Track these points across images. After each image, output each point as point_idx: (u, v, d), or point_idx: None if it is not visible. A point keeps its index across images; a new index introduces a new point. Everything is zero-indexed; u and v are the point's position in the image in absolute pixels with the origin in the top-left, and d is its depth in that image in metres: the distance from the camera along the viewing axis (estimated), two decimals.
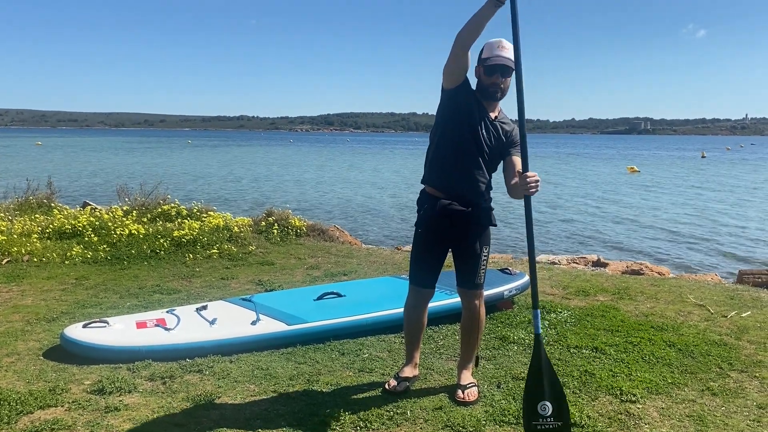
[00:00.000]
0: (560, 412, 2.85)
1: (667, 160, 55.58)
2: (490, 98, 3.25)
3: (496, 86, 3.21)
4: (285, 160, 47.34)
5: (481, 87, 3.25)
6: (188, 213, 8.81)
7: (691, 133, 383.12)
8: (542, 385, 2.89)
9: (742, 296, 5.65)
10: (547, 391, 2.88)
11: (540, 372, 2.92)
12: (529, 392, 2.91)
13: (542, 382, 2.90)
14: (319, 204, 18.89)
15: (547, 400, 2.86)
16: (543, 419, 2.83)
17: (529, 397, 2.89)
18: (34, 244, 7.01)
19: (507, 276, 5.34)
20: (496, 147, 3.28)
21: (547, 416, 2.83)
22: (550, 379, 2.91)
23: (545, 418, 2.83)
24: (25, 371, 3.68)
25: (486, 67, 3.20)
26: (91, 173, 29.78)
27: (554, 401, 2.86)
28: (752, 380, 3.71)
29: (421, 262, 3.46)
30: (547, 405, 2.85)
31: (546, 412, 2.84)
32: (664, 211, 18.00)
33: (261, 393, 3.46)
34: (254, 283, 6.00)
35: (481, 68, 3.24)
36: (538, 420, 2.84)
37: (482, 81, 3.25)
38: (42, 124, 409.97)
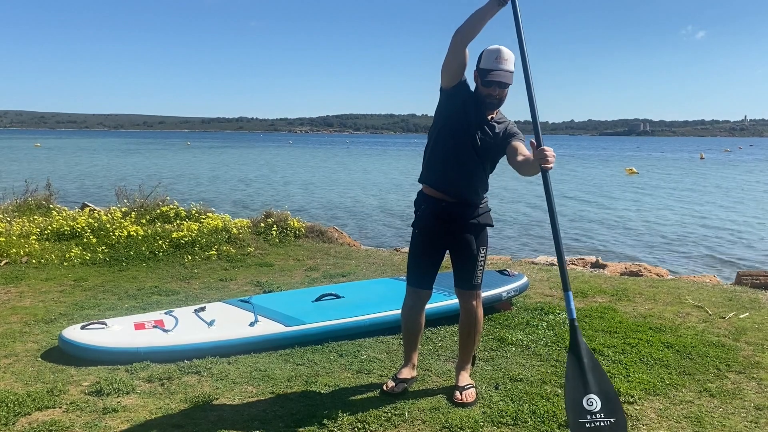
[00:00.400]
0: (611, 406, 2.59)
1: (666, 161, 55.63)
2: (487, 107, 3.26)
3: (492, 98, 3.22)
4: (284, 162, 47.33)
5: (479, 95, 3.25)
6: (187, 214, 8.81)
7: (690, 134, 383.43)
8: (585, 377, 2.64)
9: (741, 298, 5.66)
10: (592, 383, 2.63)
11: (581, 362, 2.69)
12: (573, 385, 2.64)
13: (585, 374, 2.65)
14: (318, 205, 18.90)
15: (593, 394, 2.61)
16: (591, 415, 2.55)
17: (572, 392, 2.63)
18: (33, 246, 7.01)
19: (505, 277, 5.34)
20: (492, 147, 3.29)
21: (595, 412, 2.56)
22: (594, 369, 2.67)
23: (593, 414, 2.55)
24: (23, 372, 3.68)
25: (483, 81, 3.20)
26: (90, 175, 29.77)
27: (602, 394, 2.61)
28: (750, 381, 3.71)
29: (418, 264, 3.46)
30: (594, 399, 2.59)
31: (594, 407, 2.57)
32: (663, 213, 18.02)
33: (259, 394, 3.46)
34: (253, 285, 6.00)
35: (479, 79, 3.23)
36: (586, 417, 2.55)
37: (479, 90, 3.25)
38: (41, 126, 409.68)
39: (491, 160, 3.36)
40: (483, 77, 3.20)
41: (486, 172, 3.36)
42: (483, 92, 3.23)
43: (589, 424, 2.54)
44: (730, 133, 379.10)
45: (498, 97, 3.22)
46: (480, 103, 3.25)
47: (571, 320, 2.81)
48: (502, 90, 3.21)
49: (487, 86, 3.20)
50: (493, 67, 3.16)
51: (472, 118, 3.23)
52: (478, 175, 3.31)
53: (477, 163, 3.28)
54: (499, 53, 3.15)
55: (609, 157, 64.09)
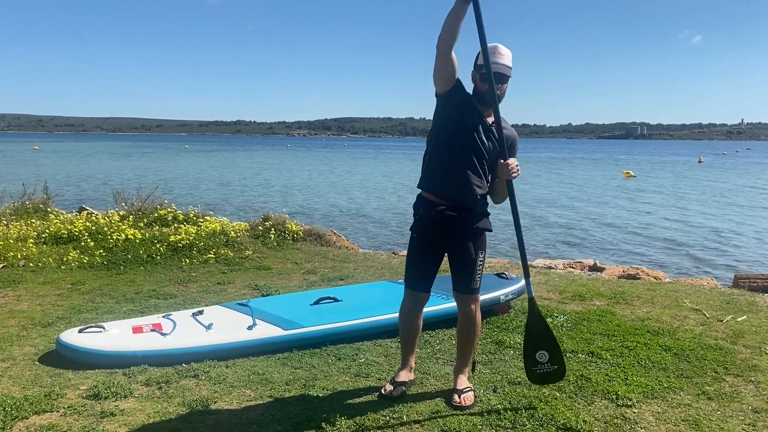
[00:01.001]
0: (555, 357, 3.36)
1: (664, 165, 55.73)
2: (486, 104, 3.26)
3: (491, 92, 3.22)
4: (282, 165, 47.34)
5: (477, 92, 3.27)
6: (185, 218, 8.81)
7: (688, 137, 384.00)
8: (538, 338, 3.38)
9: (738, 301, 5.66)
10: (542, 342, 3.37)
11: (536, 326, 3.41)
12: (528, 344, 3.41)
13: (538, 335, 3.39)
14: (316, 209, 18.90)
15: (542, 350, 3.36)
16: (541, 365, 3.36)
17: (528, 348, 3.39)
18: (30, 249, 7.00)
19: (503, 280, 5.35)
20: (493, 151, 3.29)
21: (544, 362, 3.35)
22: (544, 331, 3.40)
23: (543, 364, 3.36)
24: (20, 376, 3.67)
25: (481, 74, 3.21)
26: (88, 178, 29.74)
27: (549, 349, 3.36)
28: (748, 384, 3.71)
29: (416, 266, 3.46)
30: (543, 354, 3.35)
31: (543, 359, 3.35)
32: (660, 216, 18.05)
33: (257, 398, 3.46)
34: (251, 288, 6.00)
35: (477, 75, 3.26)
36: (537, 366, 3.36)
37: (478, 87, 3.27)
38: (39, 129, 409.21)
39: (491, 164, 3.35)
40: (480, 71, 3.22)
41: (485, 176, 3.35)
42: (482, 88, 3.24)
43: (539, 371, 3.38)
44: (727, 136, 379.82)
45: (497, 91, 3.22)
46: (479, 101, 3.26)
47: (530, 299, 3.48)
48: (501, 85, 3.22)
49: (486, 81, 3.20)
50: (489, 61, 3.17)
51: (469, 121, 3.23)
52: (477, 179, 3.31)
53: (476, 167, 3.28)
54: (495, 49, 3.20)
55: (607, 161, 64.18)
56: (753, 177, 38.67)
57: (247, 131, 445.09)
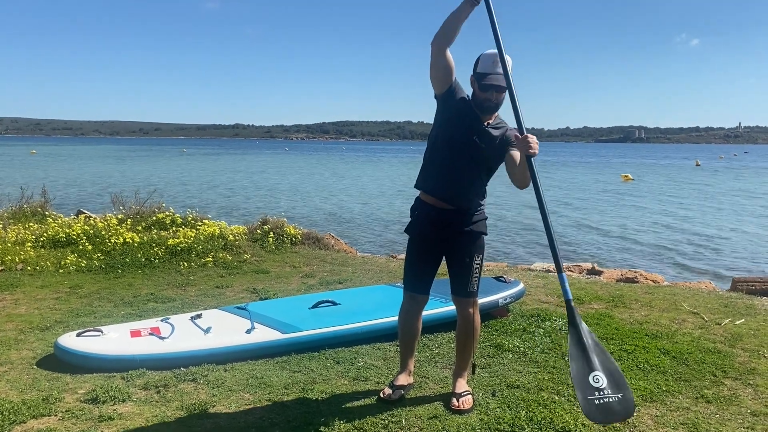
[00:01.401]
0: (616, 382, 2.62)
1: (662, 168, 55.81)
2: (485, 112, 3.26)
3: (489, 101, 3.22)
4: (280, 169, 47.34)
5: (476, 99, 3.26)
6: (183, 221, 8.80)
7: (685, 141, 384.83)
8: (588, 355, 2.67)
9: (736, 304, 5.67)
10: (595, 361, 2.66)
11: (582, 341, 2.72)
12: (576, 366, 2.66)
13: (587, 352, 2.68)
14: (315, 212, 18.90)
15: (597, 371, 2.63)
16: (599, 392, 2.56)
17: (579, 372, 2.64)
18: (28, 253, 6.98)
19: (502, 284, 5.35)
20: (490, 153, 3.28)
21: (602, 388, 2.57)
22: (596, 347, 2.70)
23: (601, 391, 2.56)
24: (18, 380, 3.66)
25: (480, 84, 3.20)
26: (86, 182, 29.72)
27: (606, 371, 2.64)
28: (746, 388, 3.72)
29: (414, 269, 3.46)
30: (599, 376, 2.61)
31: (600, 383, 2.58)
32: (658, 219, 18.07)
33: (255, 402, 3.45)
34: (249, 292, 5.99)
35: (476, 83, 3.24)
36: (594, 394, 2.57)
37: (476, 94, 3.25)
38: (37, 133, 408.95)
39: (489, 167, 3.35)
40: (480, 81, 3.20)
41: (483, 179, 3.36)
42: (480, 96, 3.23)
43: (598, 401, 2.55)
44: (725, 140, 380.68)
45: (495, 101, 3.22)
46: (477, 107, 3.25)
47: (567, 301, 2.84)
48: (500, 94, 3.21)
49: (485, 90, 3.20)
50: (489, 71, 3.17)
51: (467, 124, 3.23)
52: (475, 182, 3.31)
53: (473, 170, 3.28)
54: (495, 57, 3.15)
55: (604, 164, 64.26)
56: (750, 181, 38.75)
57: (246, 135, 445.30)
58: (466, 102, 3.26)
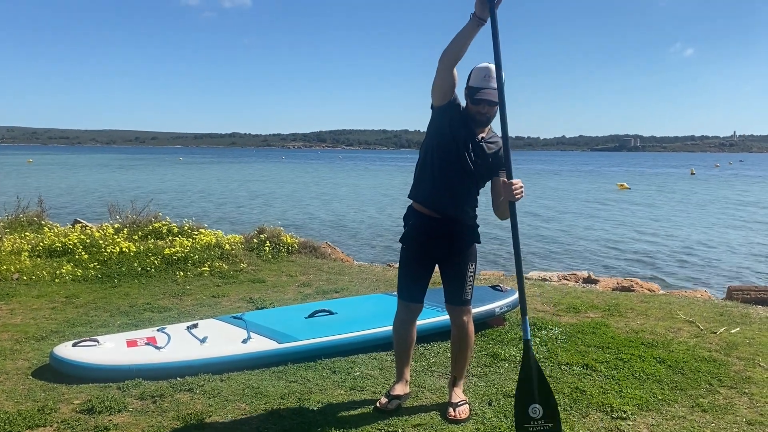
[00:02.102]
0: (550, 413, 2.98)
1: (657, 177, 56.00)
2: (477, 125, 3.28)
3: (482, 115, 3.24)
4: (277, 177, 47.35)
5: (468, 112, 3.28)
6: (179, 230, 8.79)
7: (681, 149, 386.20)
8: (532, 389, 3.00)
9: (732, 312, 5.68)
10: (537, 394, 3.00)
11: (530, 376, 3.03)
12: (521, 396, 3.02)
13: (532, 386, 3.01)
14: (311, 221, 18.90)
15: (537, 403, 2.98)
16: (534, 422, 2.96)
17: (521, 401, 3.00)
18: (24, 262, 6.97)
19: (498, 293, 5.35)
20: (482, 165, 3.31)
21: (537, 419, 2.96)
22: (540, 382, 3.02)
23: (536, 421, 2.96)
24: (13, 391, 3.65)
25: (473, 99, 3.23)
26: (82, 191, 29.68)
27: (544, 403, 2.98)
28: (742, 396, 3.72)
29: (408, 278, 3.47)
30: (537, 408, 2.97)
31: (537, 414, 2.97)
32: (655, 228, 18.12)
33: (252, 412, 3.45)
34: (245, 301, 5.99)
35: (468, 97, 3.26)
36: (530, 422, 2.96)
37: (468, 107, 3.27)
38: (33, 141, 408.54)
39: (480, 179, 3.37)
40: (472, 95, 3.23)
41: (474, 189, 3.38)
42: (472, 110, 3.25)
43: (531, 429, 2.96)
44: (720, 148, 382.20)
45: (487, 114, 3.24)
46: (470, 121, 3.27)
47: (525, 340, 3.14)
48: (491, 108, 3.23)
49: (476, 104, 3.22)
50: (482, 85, 3.19)
51: (460, 137, 3.25)
52: (466, 193, 3.34)
53: (465, 181, 3.30)
54: (488, 71, 3.17)
55: (600, 173, 64.44)
56: (746, 190, 38.89)
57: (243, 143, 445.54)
58: (462, 115, 3.28)
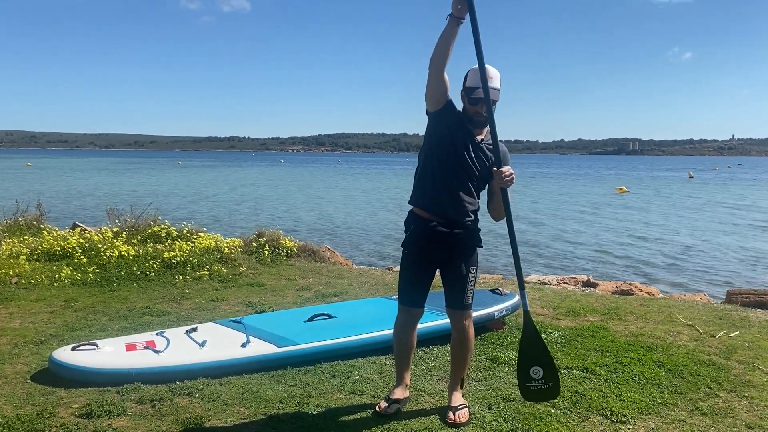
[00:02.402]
0: (549, 374, 3.24)
1: (656, 180, 56.04)
2: (476, 125, 3.29)
3: (479, 115, 3.25)
4: (276, 181, 47.36)
5: (466, 114, 3.29)
6: (178, 234, 8.79)
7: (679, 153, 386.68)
8: (532, 353, 3.28)
9: (731, 316, 5.69)
10: (537, 357, 3.26)
11: (531, 341, 3.31)
12: (522, 359, 3.30)
13: (533, 350, 3.28)
14: (310, 224, 18.89)
15: (537, 365, 3.25)
16: (535, 381, 3.25)
17: (522, 364, 3.29)
18: (23, 266, 6.96)
19: (497, 296, 5.35)
20: (482, 169, 3.31)
21: (538, 379, 3.24)
22: (539, 346, 3.30)
23: (537, 381, 3.25)
24: (12, 395, 3.64)
25: (470, 99, 3.24)
26: (81, 194, 29.66)
27: (543, 365, 3.25)
28: (741, 400, 3.73)
29: (409, 282, 3.47)
30: (538, 369, 3.25)
31: (537, 375, 3.24)
32: (654, 232, 18.13)
33: (251, 416, 3.44)
34: (244, 305, 5.98)
35: (466, 98, 3.28)
36: (531, 382, 3.25)
37: (466, 108, 3.29)
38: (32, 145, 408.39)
39: (481, 181, 3.38)
40: (469, 95, 3.24)
41: (475, 193, 3.38)
42: (470, 111, 3.26)
43: (533, 387, 3.26)
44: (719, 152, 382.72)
45: (485, 113, 3.25)
46: (468, 121, 3.28)
47: (525, 312, 3.40)
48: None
49: (474, 104, 3.24)
50: (479, 85, 3.19)
51: (459, 140, 3.25)
52: (468, 196, 3.33)
53: (466, 184, 3.31)
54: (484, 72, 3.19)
55: (599, 176, 64.50)
56: (745, 193, 38.92)
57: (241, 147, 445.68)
58: (459, 118, 3.28)
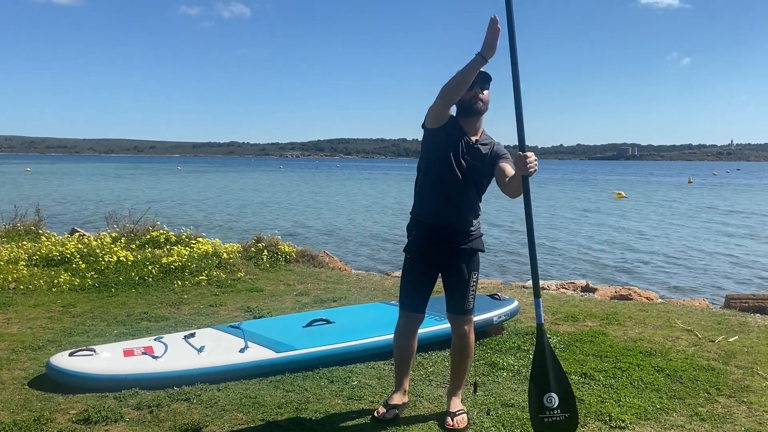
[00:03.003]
0: (567, 403, 2.84)
1: (654, 185, 56.08)
2: (473, 113, 3.30)
3: (476, 98, 3.26)
4: (275, 186, 47.36)
5: (463, 103, 3.29)
6: (177, 239, 8.78)
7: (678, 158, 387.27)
8: (548, 377, 2.87)
9: (729, 321, 5.68)
10: (553, 382, 2.86)
11: (545, 363, 2.90)
12: (535, 384, 2.89)
13: (547, 374, 2.88)
14: (309, 230, 18.89)
15: (553, 392, 2.85)
16: (550, 411, 2.82)
17: (535, 390, 2.88)
18: (21, 271, 6.95)
19: (496, 301, 5.35)
20: (480, 170, 3.33)
21: (554, 408, 2.81)
22: (555, 369, 2.89)
23: (552, 410, 2.82)
24: (9, 401, 3.63)
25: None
26: (80, 200, 29.64)
27: (560, 392, 2.85)
28: (740, 405, 3.72)
29: (410, 287, 3.47)
30: (553, 397, 2.83)
31: (552, 404, 2.82)
32: (652, 236, 18.12)
33: (249, 421, 3.43)
34: (243, 310, 5.97)
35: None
36: (545, 413, 2.83)
37: (463, 99, 3.28)
38: (31, 151, 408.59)
39: (480, 185, 3.39)
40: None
41: (476, 198, 3.39)
42: (466, 97, 3.25)
43: (547, 419, 2.82)
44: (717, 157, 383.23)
45: (482, 99, 3.27)
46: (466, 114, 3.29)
47: (539, 325, 3.00)
48: (484, 91, 3.27)
49: (470, 89, 3.21)
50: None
51: (456, 144, 3.27)
52: (468, 203, 3.34)
53: (466, 191, 3.31)
54: None
55: (598, 182, 64.55)
56: (742, 198, 38.95)
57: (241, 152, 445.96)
58: (455, 124, 3.30)
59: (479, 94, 3.26)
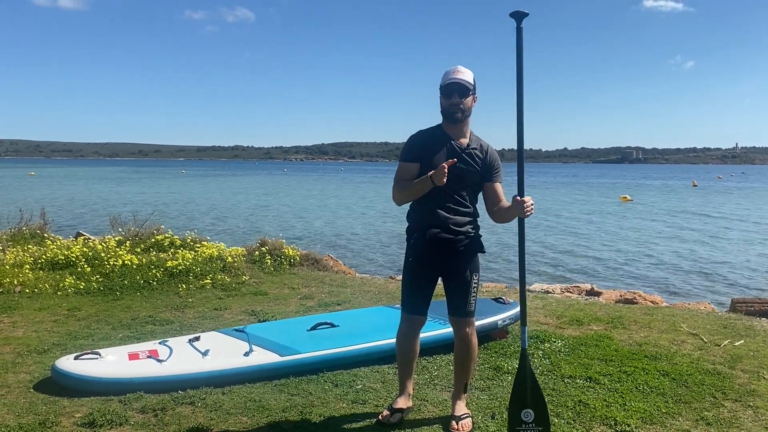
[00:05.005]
0: (541, 417, 3.11)
1: (659, 189, 55.95)
2: (453, 121, 3.33)
3: (455, 106, 3.29)
4: (279, 190, 47.41)
5: (443, 111, 3.35)
6: (182, 243, 8.80)
7: (683, 161, 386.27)
8: (525, 394, 3.14)
9: (735, 325, 5.66)
10: (530, 399, 3.13)
11: (524, 381, 3.16)
12: (514, 401, 3.16)
13: (525, 391, 3.14)
14: (313, 233, 18.90)
15: (529, 408, 3.12)
16: (525, 425, 3.11)
17: (514, 405, 3.15)
18: (27, 275, 6.97)
19: (501, 305, 5.34)
20: (475, 174, 3.36)
21: (529, 422, 3.11)
22: (533, 388, 3.16)
23: (527, 424, 3.11)
24: (15, 404, 3.64)
25: (443, 91, 3.31)
26: (85, 203, 29.74)
27: (535, 408, 3.12)
28: (746, 410, 3.70)
29: (411, 290, 3.47)
30: (529, 412, 3.11)
31: (528, 418, 3.11)
32: (657, 240, 18.08)
33: (254, 425, 3.43)
34: (247, 314, 5.98)
35: (441, 96, 3.34)
36: (521, 426, 3.11)
37: (443, 105, 3.34)
38: (36, 155, 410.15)
39: (473, 190, 3.42)
40: (443, 91, 3.31)
41: (471, 198, 3.42)
42: (445, 104, 3.31)
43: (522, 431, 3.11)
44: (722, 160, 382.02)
45: (461, 105, 3.29)
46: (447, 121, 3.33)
47: (522, 349, 3.24)
48: (463, 96, 3.28)
49: (448, 95, 3.28)
50: (449, 77, 3.28)
51: (445, 154, 3.29)
52: (463, 208, 3.37)
53: (458, 196, 3.34)
54: (455, 68, 3.31)
55: (603, 185, 64.43)
56: (748, 202, 38.82)
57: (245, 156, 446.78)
58: (435, 136, 3.35)
59: (459, 104, 3.28)
